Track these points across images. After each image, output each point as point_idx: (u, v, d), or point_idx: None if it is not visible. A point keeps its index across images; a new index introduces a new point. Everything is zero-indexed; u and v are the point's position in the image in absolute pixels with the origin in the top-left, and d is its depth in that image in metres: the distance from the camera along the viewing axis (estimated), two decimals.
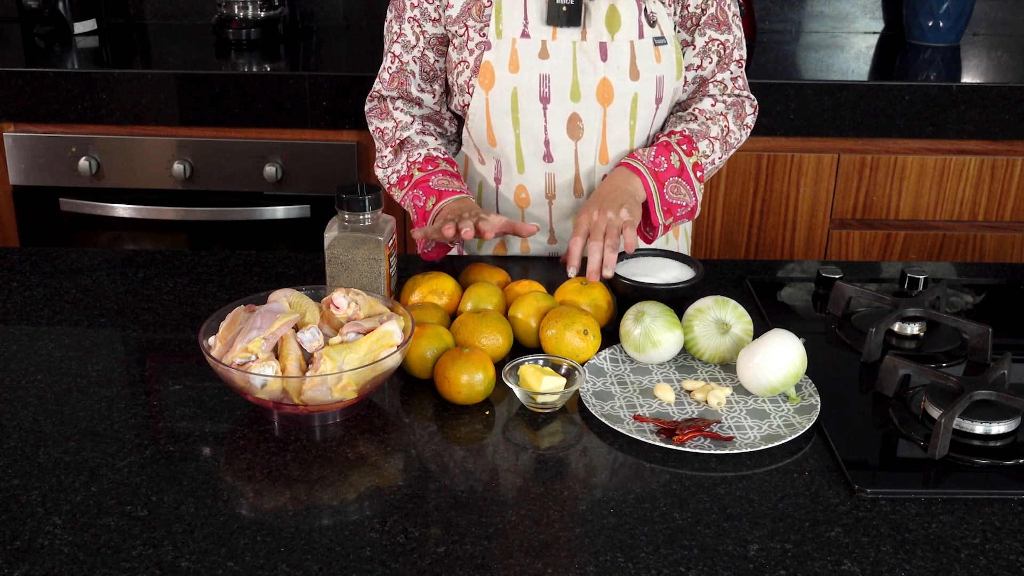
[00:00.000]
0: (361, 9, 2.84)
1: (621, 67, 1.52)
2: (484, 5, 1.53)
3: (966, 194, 2.35)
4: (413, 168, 1.59)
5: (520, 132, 1.56)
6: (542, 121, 1.54)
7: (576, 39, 1.51)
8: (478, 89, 1.54)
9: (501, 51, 1.52)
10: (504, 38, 1.51)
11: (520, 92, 1.53)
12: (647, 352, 1.26)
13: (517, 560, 0.95)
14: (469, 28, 1.54)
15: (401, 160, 1.61)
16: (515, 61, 1.51)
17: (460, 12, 1.54)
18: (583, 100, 1.53)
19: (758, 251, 2.43)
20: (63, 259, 1.56)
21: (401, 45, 1.60)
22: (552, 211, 1.63)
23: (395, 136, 1.62)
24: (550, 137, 1.56)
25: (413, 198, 1.56)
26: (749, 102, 1.64)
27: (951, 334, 1.37)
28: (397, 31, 1.60)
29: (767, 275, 1.57)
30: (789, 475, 1.08)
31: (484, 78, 1.53)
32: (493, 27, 1.52)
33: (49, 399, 1.19)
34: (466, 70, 1.55)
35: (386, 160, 1.63)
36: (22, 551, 0.95)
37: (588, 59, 1.52)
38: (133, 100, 2.28)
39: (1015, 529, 1.00)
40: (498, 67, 1.52)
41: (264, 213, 2.34)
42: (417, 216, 1.55)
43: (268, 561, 0.94)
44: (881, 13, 2.85)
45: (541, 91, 1.52)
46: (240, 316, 1.17)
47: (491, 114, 1.55)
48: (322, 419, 1.15)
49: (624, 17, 1.52)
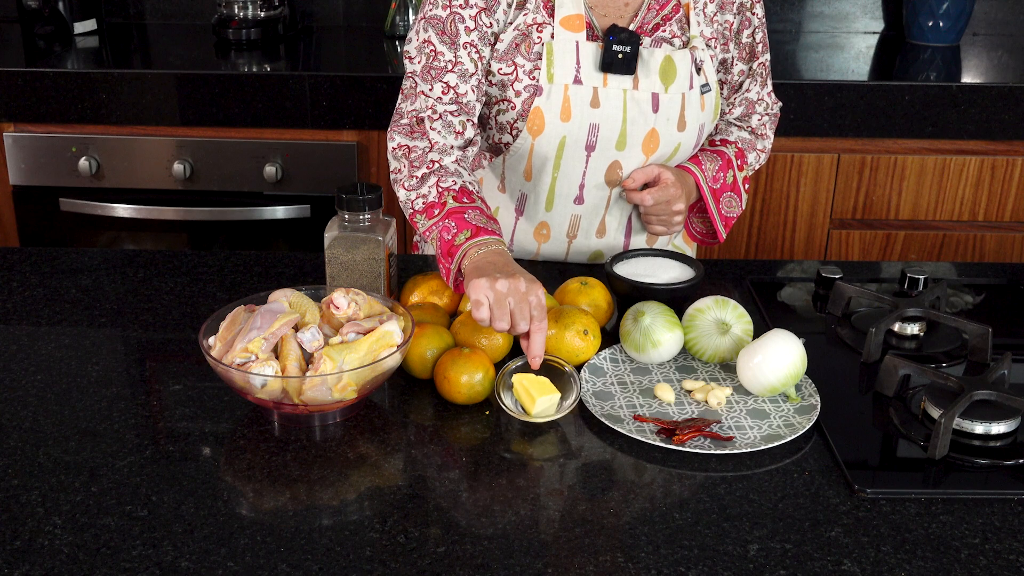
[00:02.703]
0: (361, 9, 2.84)
1: (671, 119, 1.50)
2: (534, 42, 1.46)
3: (966, 194, 2.35)
4: (447, 195, 1.40)
5: (558, 175, 1.52)
6: (583, 167, 1.51)
7: (628, 87, 1.47)
8: (524, 133, 1.48)
9: (553, 97, 1.46)
10: (556, 83, 1.45)
11: (568, 140, 1.48)
12: (647, 352, 1.26)
13: (517, 560, 0.95)
14: (518, 67, 1.46)
15: (430, 184, 1.42)
16: (567, 109, 1.46)
17: (508, 47, 1.47)
18: (628, 149, 1.50)
19: (758, 251, 2.43)
20: (63, 259, 1.56)
21: (458, 75, 1.45)
22: (569, 249, 1.61)
23: (427, 158, 1.45)
24: (586, 182, 1.53)
25: (442, 229, 1.36)
26: (775, 118, 1.70)
27: (951, 334, 1.37)
28: (452, 59, 1.44)
29: (767, 275, 1.57)
30: (789, 475, 1.08)
31: (533, 124, 1.47)
32: (545, 71, 1.45)
33: (49, 399, 1.19)
34: (511, 110, 1.48)
35: (412, 183, 1.44)
36: (22, 551, 0.95)
37: (639, 109, 1.48)
38: (133, 100, 2.28)
39: (1015, 529, 1.00)
40: (549, 114, 1.46)
41: (264, 213, 2.34)
42: (441, 250, 1.35)
43: (268, 561, 0.94)
44: (881, 13, 2.85)
45: (589, 139, 1.48)
46: (240, 316, 1.17)
47: (533, 157, 1.51)
48: (322, 419, 1.15)
49: (680, 68, 1.49)
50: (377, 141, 2.30)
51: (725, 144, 1.63)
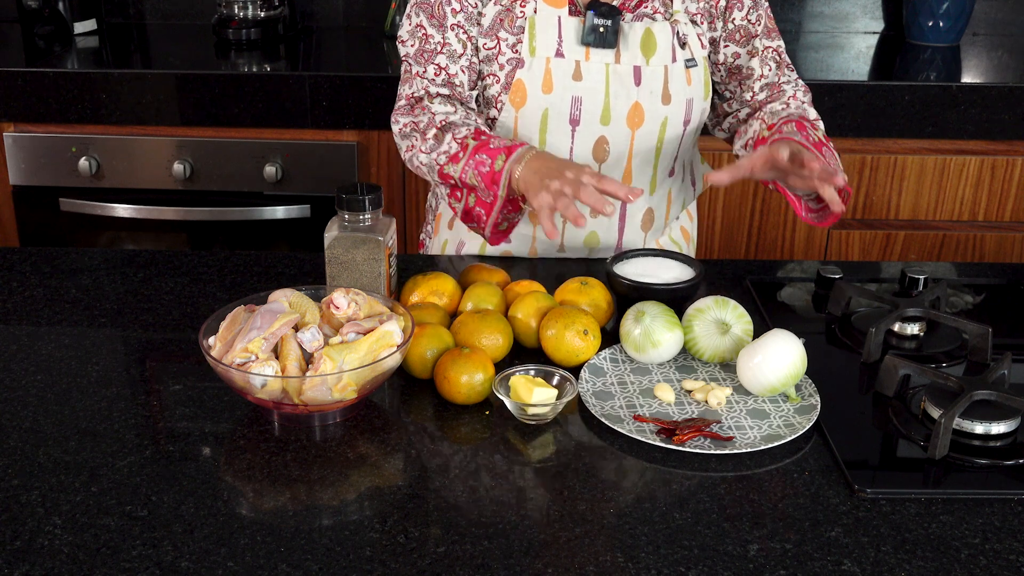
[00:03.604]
0: (361, 9, 2.84)
1: (654, 92, 1.51)
2: (516, 16, 1.50)
3: (966, 194, 2.35)
4: (467, 139, 1.45)
5: (545, 151, 1.53)
6: (569, 142, 1.53)
7: (610, 61, 1.49)
8: (508, 106, 1.52)
9: (535, 70, 1.49)
10: (538, 56, 1.49)
11: (551, 113, 1.51)
12: (647, 352, 1.26)
13: (517, 560, 0.95)
14: (501, 41, 1.51)
15: (446, 140, 1.47)
16: (548, 82, 1.49)
17: (492, 23, 1.51)
18: (613, 123, 1.51)
19: (758, 251, 2.43)
20: (63, 259, 1.56)
21: (447, 56, 1.51)
22: (566, 228, 1.61)
23: (435, 121, 1.50)
24: (575, 158, 1.54)
25: (477, 164, 1.43)
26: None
27: (951, 334, 1.37)
28: (440, 41, 1.51)
29: (767, 275, 1.57)
30: (789, 475, 1.08)
31: (516, 96, 1.51)
32: (527, 44, 1.49)
33: (49, 399, 1.19)
34: (495, 84, 1.52)
35: (428, 144, 1.49)
36: (22, 551, 0.95)
37: (621, 83, 1.50)
38: (133, 100, 2.28)
39: (1015, 529, 1.00)
40: (531, 86, 1.50)
41: (264, 213, 2.34)
42: (484, 183, 1.42)
43: (268, 561, 0.94)
44: (881, 13, 2.85)
45: (572, 113, 1.50)
46: (240, 316, 1.17)
47: (518, 131, 1.54)
48: (322, 419, 1.15)
49: (660, 41, 1.50)
50: (377, 141, 2.31)
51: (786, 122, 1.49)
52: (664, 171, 1.60)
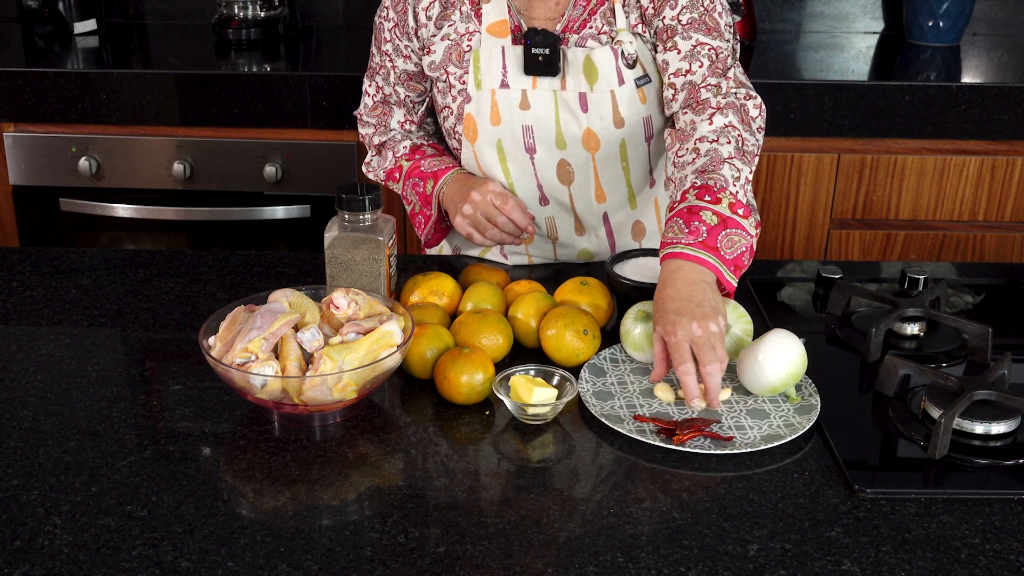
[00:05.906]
0: (361, 9, 2.84)
1: (604, 117, 1.48)
2: (464, 51, 1.49)
3: (966, 194, 2.35)
4: (400, 160, 1.61)
5: (512, 180, 1.54)
6: (531, 168, 1.52)
7: (557, 88, 1.47)
8: (464, 140, 1.53)
9: (482, 103, 1.49)
10: (484, 89, 1.48)
11: (505, 144, 1.50)
12: (647, 352, 1.26)
13: (517, 560, 0.95)
14: (450, 75, 1.51)
15: (387, 157, 1.63)
16: (495, 114, 1.49)
17: (442, 57, 1.51)
18: (569, 148, 1.50)
19: (758, 251, 2.42)
20: (63, 259, 1.56)
21: (382, 77, 1.61)
22: (556, 250, 1.63)
23: (374, 141, 1.65)
24: (542, 183, 1.54)
25: (412, 186, 1.58)
26: (752, 103, 1.43)
27: (951, 334, 1.37)
28: (379, 62, 1.60)
29: (767, 275, 1.57)
30: (789, 475, 1.08)
31: (468, 131, 1.51)
32: (472, 77, 1.48)
33: (49, 399, 1.19)
34: (451, 116, 1.54)
35: (374, 163, 1.66)
36: (22, 551, 0.95)
37: (569, 109, 1.48)
38: (133, 100, 2.28)
39: (1015, 529, 1.00)
40: (480, 119, 1.49)
41: (264, 213, 2.34)
42: (422, 203, 1.58)
43: (268, 561, 0.94)
44: (881, 13, 2.85)
45: (526, 142, 1.50)
46: (240, 316, 1.17)
47: (480, 164, 1.54)
48: (322, 419, 1.15)
49: (601, 67, 1.46)
50: None
51: (683, 197, 1.32)
52: (640, 184, 1.58)
